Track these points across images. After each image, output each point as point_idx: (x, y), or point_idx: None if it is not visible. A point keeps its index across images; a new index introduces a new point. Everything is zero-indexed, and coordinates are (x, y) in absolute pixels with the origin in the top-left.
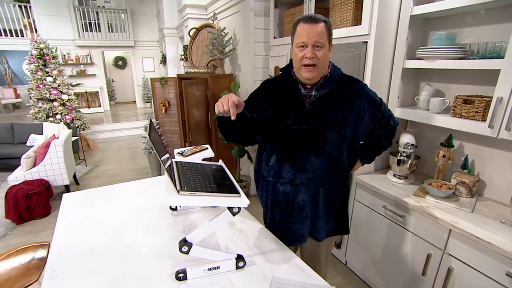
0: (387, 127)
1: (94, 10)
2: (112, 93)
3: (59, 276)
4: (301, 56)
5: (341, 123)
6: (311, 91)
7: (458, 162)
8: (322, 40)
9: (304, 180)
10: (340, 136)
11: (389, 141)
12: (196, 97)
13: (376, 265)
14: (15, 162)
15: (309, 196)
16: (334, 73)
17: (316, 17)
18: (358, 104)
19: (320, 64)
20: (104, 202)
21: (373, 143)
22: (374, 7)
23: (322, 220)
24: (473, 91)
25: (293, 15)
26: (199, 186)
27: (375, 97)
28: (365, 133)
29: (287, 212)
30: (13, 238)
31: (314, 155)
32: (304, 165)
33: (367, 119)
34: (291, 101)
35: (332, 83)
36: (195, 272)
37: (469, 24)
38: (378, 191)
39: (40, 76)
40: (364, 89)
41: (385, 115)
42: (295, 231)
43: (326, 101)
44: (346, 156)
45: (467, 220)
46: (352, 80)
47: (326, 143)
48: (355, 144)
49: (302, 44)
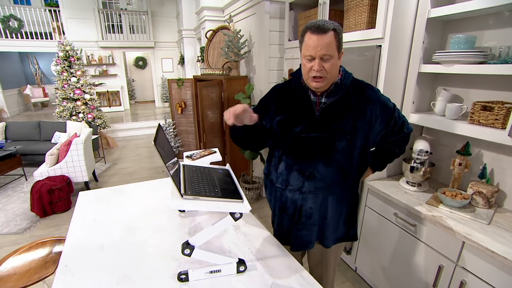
0: (400, 134)
1: (117, 12)
2: (132, 92)
3: (71, 271)
4: (309, 67)
5: (351, 131)
6: (321, 98)
7: (475, 171)
8: (330, 52)
9: (312, 188)
10: (350, 144)
11: (402, 149)
12: (211, 99)
13: (386, 273)
14: (41, 158)
15: (317, 204)
16: (345, 79)
17: (324, 27)
18: (369, 110)
19: (329, 75)
20: (118, 201)
21: (385, 150)
22: (389, 10)
23: (330, 228)
24: (493, 96)
25: (308, 17)
26: (203, 190)
27: (388, 103)
28: (377, 139)
29: (295, 219)
30: (37, 230)
31: (322, 164)
32: (313, 173)
33: (379, 125)
34: (300, 108)
35: (343, 90)
36: (196, 274)
37: (491, 27)
38: (390, 198)
39: (65, 76)
40: (376, 95)
41: (398, 122)
42: (302, 237)
43: (336, 109)
44: (356, 164)
45: (483, 233)
46: (364, 86)
47: (335, 152)
48: (365, 152)
49: (310, 56)
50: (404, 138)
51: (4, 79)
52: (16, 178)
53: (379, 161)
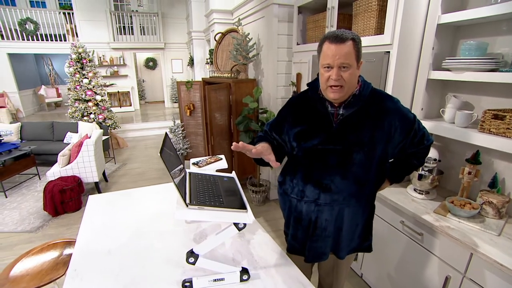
0: (420, 146)
1: (128, 14)
2: (142, 93)
3: (79, 275)
4: (327, 76)
5: (369, 143)
6: (339, 109)
7: (486, 180)
8: (348, 61)
9: (328, 200)
10: (367, 156)
11: (421, 161)
12: (220, 102)
13: (391, 281)
14: (53, 158)
15: (332, 216)
16: (364, 90)
17: (343, 36)
18: (388, 122)
19: (347, 85)
20: (126, 205)
21: (403, 162)
22: (398, 15)
23: (345, 239)
24: (505, 104)
25: (316, 21)
26: (207, 200)
27: (408, 114)
28: (396, 151)
29: (310, 231)
30: (49, 229)
31: (339, 176)
32: (329, 185)
33: (398, 137)
34: (317, 120)
35: (361, 101)
36: (200, 282)
37: (504, 33)
38: (396, 205)
39: (78, 78)
40: (396, 105)
41: (418, 134)
42: (317, 249)
43: (354, 121)
44: (373, 176)
45: (492, 245)
46: (384, 97)
47: (353, 164)
48: (383, 164)
49: (328, 65)
50: (424, 150)
51: (20, 80)
52: (30, 177)
53: (397, 173)
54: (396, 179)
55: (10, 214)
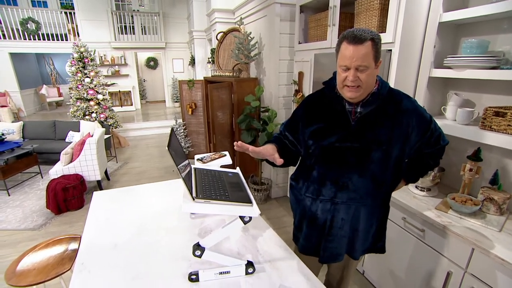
0: (436, 146)
1: (130, 13)
2: (143, 92)
3: (87, 268)
4: (344, 77)
5: (387, 142)
6: (357, 107)
7: (487, 177)
8: (366, 63)
9: (345, 199)
10: (385, 155)
11: (436, 161)
12: (221, 100)
13: (393, 277)
14: (55, 157)
15: (349, 216)
16: (382, 89)
17: (361, 37)
18: (406, 121)
19: (364, 85)
20: (130, 202)
21: (419, 162)
22: (400, 14)
23: (360, 240)
24: (506, 102)
25: (318, 20)
26: (213, 194)
27: (425, 114)
28: (412, 151)
29: (325, 230)
30: (52, 227)
31: (357, 174)
32: (346, 183)
33: (415, 136)
34: (335, 118)
35: (379, 100)
36: (206, 275)
37: (505, 31)
38: (398, 202)
39: (80, 77)
40: (413, 105)
41: (435, 134)
42: (332, 250)
43: (372, 119)
44: (390, 175)
45: (493, 240)
46: (401, 96)
47: (371, 162)
48: (400, 163)
49: (345, 67)
50: (440, 150)
51: (22, 79)
52: (32, 176)
53: (413, 173)
54: (412, 179)
55: (13, 212)
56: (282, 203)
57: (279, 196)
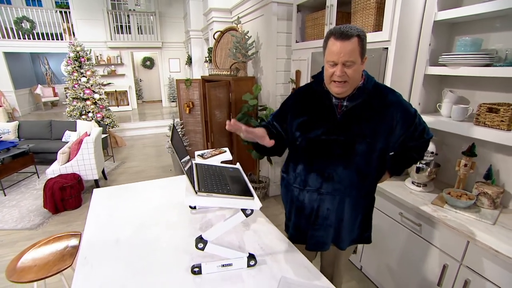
0: (420, 140)
1: (125, 13)
2: (139, 92)
3: (90, 263)
4: (331, 72)
5: (371, 134)
6: (343, 101)
7: (481, 172)
8: (353, 58)
9: (330, 189)
10: (370, 148)
11: (420, 154)
12: (219, 99)
13: (391, 272)
14: (52, 157)
15: (334, 206)
16: (367, 83)
17: (348, 33)
18: (390, 115)
19: (351, 80)
20: (130, 198)
21: (403, 155)
22: (396, 13)
23: (346, 230)
24: (499, 98)
25: (315, 19)
26: (215, 187)
27: (410, 108)
28: (396, 144)
29: (311, 219)
30: (49, 226)
31: (342, 166)
32: (331, 175)
33: (399, 130)
34: (321, 111)
35: (365, 94)
36: (209, 267)
37: (498, 29)
38: (395, 198)
39: (76, 76)
40: (398, 99)
41: (419, 128)
42: (318, 238)
43: (358, 113)
44: (374, 167)
45: (487, 233)
46: (386, 91)
47: (355, 155)
48: (384, 156)
49: (332, 62)
50: (424, 144)
51: (16, 79)
52: (28, 176)
53: (397, 166)
54: (396, 172)
55: (10, 212)
56: (280, 201)
57: (277, 194)
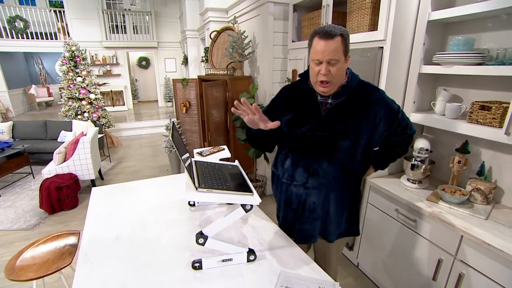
0: (403, 135)
1: (121, 13)
2: (135, 92)
3: (90, 260)
4: (317, 71)
5: (355, 131)
6: (327, 98)
7: (474, 169)
8: (336, 56)
9: (316, 184)
10: (353, 144)
11: (404, 149)
12: (216, 98)
13: (387, 268)
14: (47, 157)
15: (319, 200)
16: (351, 81)
17: (331, 32)
18: (374, 112)
19: (335, 79)
20: (128, 197)
21: (387, 150)
22: (391, 12)
23: (333, 223)
24: (491, 96)
25: (311, 19)
26: (215, 184)
27: (393, 105)
28: (380, 140)
29: (299, 213)
30: (46, 226)
31: (326, 161)
32: (317, 170)
33: (383, 126)
34: (307, 108)
35: (349, 92)
36: (209, 263)
37: (490, 29)
38: (391, 194)
39: (71, 76)
40: (381, 96)
41: (402, 124)
42: (305, 231)
43: (342, 109)
44: (358, 163)
45: (480, 227)
46: (370, 88)
47: (339, 151)
48: (368, 152)
49: (317, 61)
50: (407, 139)
51: (9, 79)
52: (23, 176)
53: (381, 161)
54: (380, 166)
55: (5, 213)
56: None
57: None
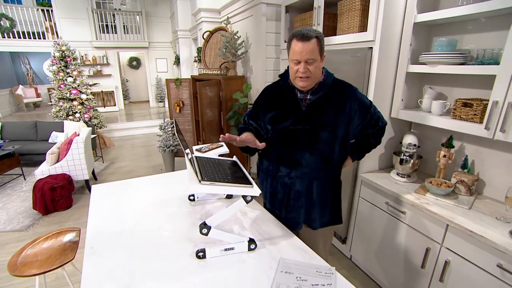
0: (376, 127)
1: (111, 12)
2: (126, 92)
3: (97, 252)
4: (296, 69)
5: (333, 124)
6: (307, 95)
7: (458, 162)
8: (313, 56)
9: (299, 174)
10: (331, 135)
11: (377, 140)
12: (210, 98)
13: (378, 259)
14: (38, 158)
15: (303, 188)
16: (327, 79)
17: (308, 35)
18: (348, 106)
19: (313, 75)
20: (128, 193)
21: (362, 141)
22: (379, 14)
23: (316, 211)
24: (473, 94)
25: (303, 20)
26: (217, 177)
27: (365, 100)
28: (355, 132)
29: (284, 202)
30: (40, 227)
31: (308, 152)
32: (300, 161)
33: (357, 119)
34: (288, 105)
35: (325, 88)
36: (213, 252)
37: (470, 31)
38: (381, 188)
39: (62, 76)
40: (354, 92)
41: (374, 117)
42: (291, 220)
43: (320, 104)
44: (337, 153)
45: (464, 216)
46: (344, 85)
47: (319, 142)
48: (345, 143)
49: (296, 60)
50: (380, 130)
51: None
52: (14, 178)
53: (358, 151)
54: (357, 156)
55: None
56: None
57: None
